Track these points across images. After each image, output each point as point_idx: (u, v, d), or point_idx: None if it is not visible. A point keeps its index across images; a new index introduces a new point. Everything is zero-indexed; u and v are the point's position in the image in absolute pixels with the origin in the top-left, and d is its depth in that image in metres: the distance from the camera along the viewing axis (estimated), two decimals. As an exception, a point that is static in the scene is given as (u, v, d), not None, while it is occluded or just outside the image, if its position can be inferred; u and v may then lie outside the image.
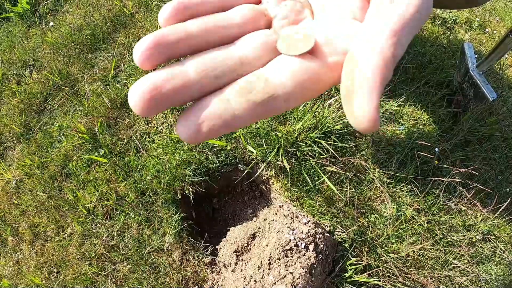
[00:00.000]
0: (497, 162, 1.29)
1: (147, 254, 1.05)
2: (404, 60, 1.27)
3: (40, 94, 1.46)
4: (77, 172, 1.22)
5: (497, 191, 1.22)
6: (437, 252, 1.09)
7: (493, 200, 1.16)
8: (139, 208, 1.09)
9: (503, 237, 1.17)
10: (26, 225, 1.25)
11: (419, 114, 1.21)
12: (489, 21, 1.66)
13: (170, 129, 1.15)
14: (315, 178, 1.03)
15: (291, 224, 0.92)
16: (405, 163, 1.12)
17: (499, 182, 1.26)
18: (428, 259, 1.08)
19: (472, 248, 1.13)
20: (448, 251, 1.10)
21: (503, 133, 1.33)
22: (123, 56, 1.38)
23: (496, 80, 1.48)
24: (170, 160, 1.07)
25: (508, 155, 1.31)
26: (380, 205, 1.08)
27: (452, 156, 1.18)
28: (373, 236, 1.04)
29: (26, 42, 1.68)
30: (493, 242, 1.17)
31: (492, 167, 1.27)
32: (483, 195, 1.17)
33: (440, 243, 1.11)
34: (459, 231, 1.13)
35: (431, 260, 1.08)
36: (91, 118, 1.27)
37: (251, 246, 0.95)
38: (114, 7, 1.50)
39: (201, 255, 1.03)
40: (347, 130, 1.09)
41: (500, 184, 1.26)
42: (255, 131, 1.07)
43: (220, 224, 1.17)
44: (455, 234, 1.12)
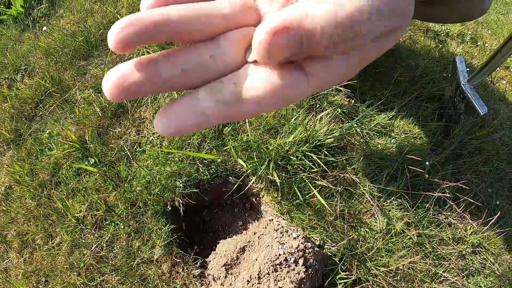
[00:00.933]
0: (488, 174, 1.30)
1: (136, 265, 1.05)
2: (397, 74, 1.28)
3: (31, 100, 1.45)
4: (67, 180, 1.20)
5: (487, 204, 1.23)
6: (427, 265, 1.09)
7: (483, 213, 1.17)
8: (128, 219, 1.08)
9: (493, 250, 1.18)
10: (14, 232, 1.24)
11: (410, 127, 1.22)
12: (481, 34, 1.68)
13: (160, 140, 1.15)
14: (305, 192, 1.03)
15: (281, 238, 0.92)
16: (395, 177, 1.12)
17: (490, 195, 1.27)
18: (418, 272, 1.08)
19: (462, 261, 1.14)
20: (438, 264, 1.10)
21: (494, 146, 1.34)
22: (116, 63, 1.37)
23: (487, 93, 1.50)
24: (161, 171, 1.07)
25: (499, 167, 1.32)
26: (370, 219, 1.08)
27: (442, 170, 1.19)
28: (363, 249, 1.04)
29: (18, 45, 1.67)
30: (483, 255, 1.17)
31: (483, 180, 1.28)
32: (474, 208, 1.18)
33: (430, 256, 1.11)
34: (449, 244, 1.13)
35: (421, 273, 1.08)
36: (82, 126, 1.26)
37: (240, 260, 0.94)
38: (108, 14, 1.49)
39: (191, 267, 1.02)
40: (338, 144, 1.10)
41: (491, 196, 1.27)
42: (246, 144, 1.07)
43: (210, 236, 1.16)
44: (445, 247, 1.12)
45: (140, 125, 1.22)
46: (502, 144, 1.38)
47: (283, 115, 1.11)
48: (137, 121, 1.23)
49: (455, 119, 1.24)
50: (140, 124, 1.23)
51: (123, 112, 1.26)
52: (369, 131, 1.16)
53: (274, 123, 1.11)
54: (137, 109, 1.25)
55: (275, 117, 1.12)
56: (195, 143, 1.10)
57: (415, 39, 1.47)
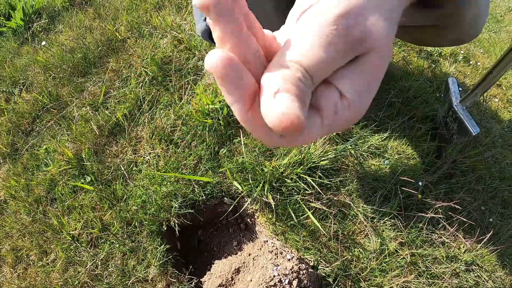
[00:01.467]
0: (480, 193, 1.31)
1: (131, 284, 1.05)
2: (390, 95, 1.30)
3: (28, 115, 1.45)
4: (63, 197, 1.21)
5: (480, 222, 1.25)
6: (421, 284, 1.10)
7: (476, 231, 1.18)
8: (124, 238, 1.08)
9: (487, 267, 1.19)
10: (8, 247, 1.24)
11: (404, 148, 1.23)
12: (473, 53, 1.71)
13: (157, 160, 1.16)
14: (299, 213, 1.04)
15: (275, 260, 0.92)
16: (389, 197, 1.14)
17: (483, 213, 1.28)
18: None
19: (456, 279, 1.15)
20: (432, 283, 1.11)
21: (486, 164, 1.36)
22: (113, 82, 1.38)
23: (479, 112, 1.52)
24: (157, 191, 1.08)
25: (491, 185, 1.34)
26: (364, 239, 1.09)
27: (435, 189, 1.20)
28: (357, 270, 1.05)
29: (17, 59, 1.68)
30: (476, 272, 1.18)
31: (476, 198, 1.29)
32: (467, 226, 1.19)
33: (424, 275, 1.12)
34: (443, 263, 1.14)
35: (414, 293, 1.09)
36: (79, 143, 1.27)
37: (235, 281, 0.95)
38: (107, 31, 1.51)
39: (185, 287, 1.03)
40: (332, 166, 1.11)
41: (483, 214, 1.29)
42: (241, 166, 1.08)
43: (205, 256, 1.16)
44: (439, 266, 1.13)
45: (136, 145, 1.23)
46: (495, 162, 1.40)
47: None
48: (134, 140, 1.24)
49: (447, 139, 1.26)
50: (136, 144, 1.24)
51: (120, 131, 1.27)
52: (363, 153, 1.18)
53: (270, 143, 1.12)
54: (133, 128, 1.27)
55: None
56: (191, 164, 1.11)
57: (408, 60, 1.50)
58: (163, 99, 1.27)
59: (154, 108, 1.27)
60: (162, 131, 1.20)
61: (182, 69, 1.32)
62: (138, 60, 1.36)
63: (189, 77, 1.29)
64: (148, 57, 1.32)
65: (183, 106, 1.22)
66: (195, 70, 1.32)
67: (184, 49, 1.35)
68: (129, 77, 1.36)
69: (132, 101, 1.29)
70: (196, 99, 1.17)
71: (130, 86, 1.33)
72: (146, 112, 1.27)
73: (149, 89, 1.30)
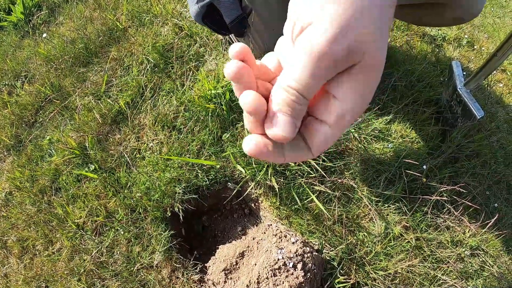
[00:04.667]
0: (485, 177, 1.30)
1: (136, 271, 1.05)
2: (394, 78, 1.29)
3: (31, 106, 1.46)
4: (67, 187, 1.21)
5: (485, 207, 1.24)
6: (426, 268, 1.10)
7: (481, 216, 1.17)
8: (128, 225, 1.09)
9: (492, 252, 1.18)
10: (14, 238, 1.25)
11: (408, 132, 1.22)
12: (477, 38, 1.69)
13: (160, 146, 1.16)
14: (303, 197, 1.04)
15: (280, 243, 0.92)
16: (393, 181, 1.13)
17: (488, 198, 1.27)
18: (416, 275, 1.09)
19: (461, 264, 1.14)
20: (436, 267, 1.11)
21: (491, 149, 1.35)
22: (115, 71, 1.38)
23: (484, 97, 1.51)
24: (160, 177, 1.08)
25: (496, 170, 1.33)
26: (369, 223, 1.09)
27: (440, 173, 1.19)
28: (362, 254, 1.05)
29: (19, 52, 1.68)
30: (481, 257, 1.18)
31: (481, 183, 1.28)
32: (472, 210, 1.18)
33: (429, 260, 1.11)
34: (448, 247, 1.14)
35: (419, 277, 1.09)
36: (82, 132, 1.27)
37: (239, 265, 0.95)
38: (108, 21, 1.50)
39: (190, 273, 1.03)
40: (336, 149, 1.10)
41: (488, 199, 1.28)
42: (245, 149, 1.07)
43: (209, 241, 1.17)
44: (444, 250, 1.13)
45: (139, 132, 1.23)
46: (499, 147, 1.38)
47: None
48: (137, 127, 1.24)
49: (452, 123, 1.25)
50: (139, 131, 1.24)
51: (123, 119, 1.27)
52: (367, 136, 1.17)
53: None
54: (136, 116, 1.27)
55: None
56: (194, 149, 1.11)
57: (411, 44, 1.49)
58: (165, 86, 1.27)
59: (156, 95, 1.27)
60: (164, 117, 1.20)
61: (183, 56, 1.32)
62: (140, 48, 1.36)
63: (191, 63, 1.29)
64: (150, 45, 1.32)
65: (185, 92, 1.22)
66: (196, 56, 1.32)
67: (185, 36, 1.34)
68: (130, 66, 1.36)
69: (134, 89, 1.29)
70: (198, 85, 1.17)
71: (132, 74, 1.32)
72: (148, 99, 1.27)
73: (151, 76, 1.30)
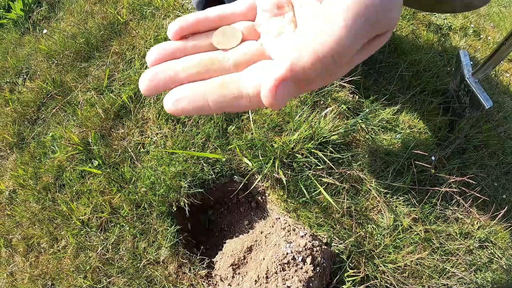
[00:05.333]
0: (493, 168, 1.28)
1: (143, 267, 1.04)
2: (400, 68, 1.27)
3: (33, 103, 1.44)
4: (71, 183, 1.20)
5: (493, 198, 1.22)
6: (435, 261, 1.08)
7: (490, 207, 1.16)
8: (134, 221, 1.07)
9: (500, 244, 1.17)
10: (19, 236, 1.24)
11: (415, 122, 1.20)
12: (483, 27, 1.66)
13: (164, 140, 1.14)
14: (311, 189, 1.03)
15: (288, 237, 0.91)
16: (401, 172, 1.12)
17: (496, 189, 1.26)
18: (425, 268, 1.07)
19: (470, 256, 1.13)
20: (445, 259, 1.09)
21: (499, 140, 1.33)
22: (117, 65, 1.36)
23: (491, 87, 1.48)
24: (165, 171, 1.06)
25: (504, 161, 1.31)
26: (377, 215, 1.07)
27: (448, 164, 1.18)
28: (371, 246, 1.03)
29: (19, 49, 1.66)
30: (490, 249, 1.16)
31: (489, 174, 1.27)
32: (480, 202, 1.17)
33: (438, 252, 1.10)
34: (456, 239, 1.12)
35: (428, 269, 1.07)
36: (85, 128, 1.26)
37: (247, 259, 0.94)
38: (108, 15, 1.48)
39: (197, 268, 1.02)
40: (343, 141, 1.09)
41: (497, 190, 1.26)
42: (250, 142, 1.06)
43: (216, 236, 1.15)
44: (452, 243, 1.11)
45: (143, 126, 1.22)
46: (507, 137, 1.37)
47: (288, 112, 1.10)
48: (140, 121, 1.23)
49: (459, 113, 1.23)
50: (143, 125, 1.22)
51: (126, 113, 1.26)
52: (374, 127, 1.15)
53: (279, 120, 1.10)
54: (140, 110, 1.25)
55: (280, 114, 1.11)
56: (199, 142, 1.10)
57: (417, 33, 1.46)
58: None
59: (159, 89, 1.25)
60: (168, 111, 1.18)
61: (186, 49, 1.30)
62: (142, 41, 1.34)
63: (194, 56, 1.27)
64: (152, 37, 1.30)
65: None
66: (199, 49, 1.30)
67: (187, 28, 1.32)
68: (133, 59, 1.34)
69: (137, 82, 1.27)
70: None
71: (134, 68, 1.31)
72: (151, 93, 1.25)
73: (154, 70, 1.28)
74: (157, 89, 0.25)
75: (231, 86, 0.24)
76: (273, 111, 1.10)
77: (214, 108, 0.24)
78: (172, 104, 0.24)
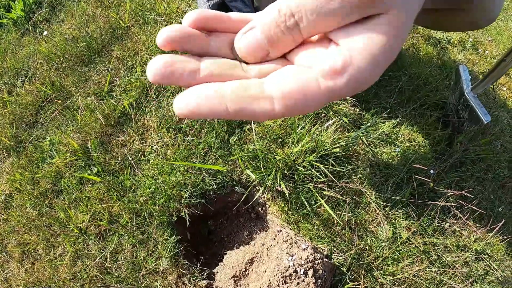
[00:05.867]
0: (490, 182, 1.30)
1: (142, 277, 1.03)
2: (401, 82, 1.28)
3: (32, 106, 1.42)
4: (69, 189, 1.19)
5: (490, 211, 1.24)
6: (432, 273, 1.09)
7: (486, 220, 1.17)
8: (133, 230, 1.07)
9: (496, 256, 1.19)
10: (15, 242, 1.22)
11: (415, 135, 1.22)
12: (481, 41, 1.69)
13: (165, 149, 1.14)
14: (312, 202, 1.03)
15: (290, 249, 0.91)
16: (401, 185, 1.13)
17: (492, 202, 1.28)
18: (423, 280, 1.08)
19: (466, 268, 1.14)
20: (443, 271, 1.11)
21: (496, 153, 1.35)
22: (118, 70, 1.35)
23: (488, 100, 1.51)
24: (166, 181, 1.06)
25: (500, 174, 1.33)
26: (377, 228, 1.08)
27: (447, 178, 1.19)
28: (370, 259, 1.04)
29: (19, 50, 1.64)
30: (486, 261, 1.18)
31: (485, 187, 1.28)
32: (477, 215, 1.18)
33: (435, 264, 1.11)
34: (454, 252, 1.14)
35: (426, 281, 1.08)
36: (84, 134, 1.24)
37: (249, 272, 0.94)
38: (110, 19, 1.47)
39: (197, 279, 1.01)
40: (344, 153, 1.09)
41: (493, 203, 1.28)
42: (252, 154, 1.06)
43: (215, 246, 1.15)
44: (450, 255, 1.13)
45: (144, 134, 1.21)
46: (503, 151, 1.39)
47: (290, 124, 1.11)
48: (141, 129, 1.22)
49: (458, 127, 1.25)
50: (144, 133, 1.21)
51: (126, 120, 1.25)
52: (374, 140, 1.16)
53: (281, 132, 1.11)
54: (140, 117, 1.24)
55: (282, 126, 1.12)
56: (200, 152, 1.09)
57: (417, 47, 1.48)
58: (170, 87, 1.25)
59: (161, 96, 1.25)
60: (170, 119, 1.18)
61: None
62: (143, 47, 1.34)
63: (197, 64, 1.26)
64: (154, 44, 1.30)
65: (191, 94, 1.19)
66: (202, 57, 1.29)
67: (190, 36, 1.32)
68: (134, 65, 1.33)
69: (138, 89, 1.27)
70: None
71: (135, 74, 1.30)
72: (153, 100, 1.25)
73: (156, 77, 1.28)
74: (170, 78, 0.22)
75: (253, 88, 0.21)
76: (275, 122, 1.10)
77: (232, 113, 0.21)
78: (186, 104, 0.21)
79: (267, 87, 0.21)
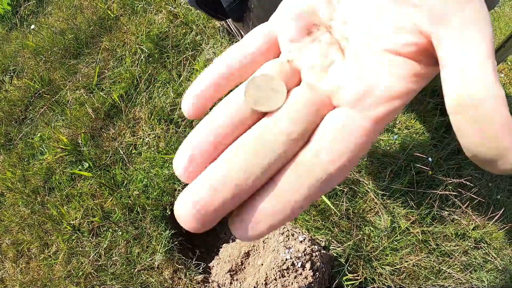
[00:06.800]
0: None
1: (137, 273, 1.01)
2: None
3: (21, 102, 1.39)
4: (61, 186, 1.16)
5: (488, 199, 1.23)
6: (431, 262, 1.08)
7: (484, 208, 1.16)
8: (127, 225, 1.04)
9: (495, 244, 1.18)
10: (9, 241, 1.20)
11: (412, 122, 1.20)
12: (479, 26, 1.66)
13: (157, 141, 1.11)
14: (309, 192, 1.01)
15: (287, 242, 0.89)
16: (399, 174, 1.11)
17: (490, 190, 1.26)
18: (422, 269, 1.07)
19: (465, 257, 1.13)
20: (442, 260, 1.10)
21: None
22: (107, 62, 1.32)
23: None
24: (158, 174, 1.03)
25: (499, 161, 1.32)
26: (375, 217, 1.06)
27: (445, 165, 1.18)
28: (368, 249, 1.02)
29: (6, 45, 1.60)
30: (485, 250, 1.17)
31: (483, 174, 1.27)
32: (476, 203, 1.17)
33: (434, 253, 1.10)
34: (452, 240, 1.12)
35: (425, 270, 1.07)
36: (74, 128, 1.21)
37: (245, 265, 0.92)
38: (98, 9, 1.43)
39: (193, 273, 1.00)
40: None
41: (491, 191, 1.27)
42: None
43: (211, 239, 1.13)
44: (449, 244, 1.12)
45: (135, 126, 1.18)
46: (502, 137, 1.37)
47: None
48: (132, 121, 1.19)
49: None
50: (135, 125, 1.18)
51: (117, 113, 1.22)
52: (372, 128, 1.14)
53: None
54: (131, 109, 1.21)
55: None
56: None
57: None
58: (160, 77, 1.21)
59: (151, 87, 1.21)
60: (161, 110, 1.14)
61: (179, 45, 1.26)
62: (133, 37, 1.30)
63: (187, 52, 1.23)
64: (143, 34, 1.26)
65: (182, 83, 1.16)
66: (193, 45, 1.26)
67: (180, 24, 1.28)
68: (123, 56, 1.29)
69: (128, 80, 1.23)
70: (196, 75, 1.12)
71: (125, 65, 1.26)
72: (143, 91, 1.21)
73: (146, 67, 1.24)
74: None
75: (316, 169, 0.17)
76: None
77: (303, 208, 0.17)
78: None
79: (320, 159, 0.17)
